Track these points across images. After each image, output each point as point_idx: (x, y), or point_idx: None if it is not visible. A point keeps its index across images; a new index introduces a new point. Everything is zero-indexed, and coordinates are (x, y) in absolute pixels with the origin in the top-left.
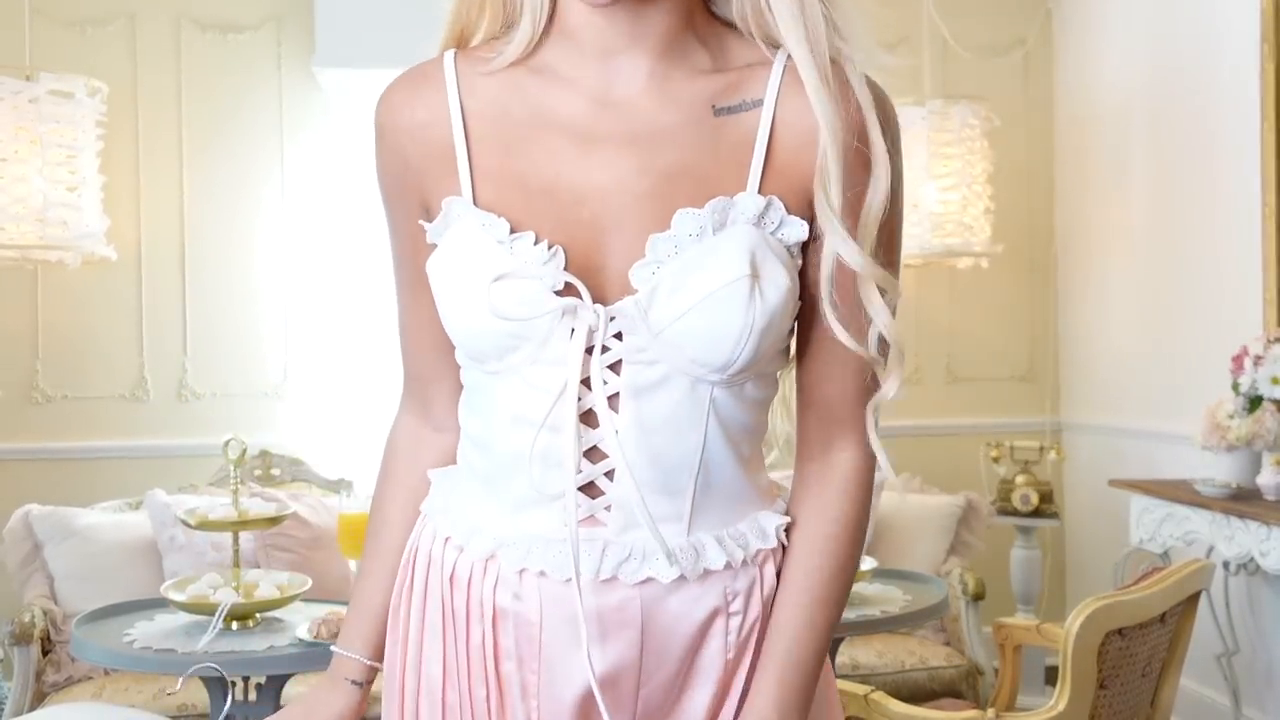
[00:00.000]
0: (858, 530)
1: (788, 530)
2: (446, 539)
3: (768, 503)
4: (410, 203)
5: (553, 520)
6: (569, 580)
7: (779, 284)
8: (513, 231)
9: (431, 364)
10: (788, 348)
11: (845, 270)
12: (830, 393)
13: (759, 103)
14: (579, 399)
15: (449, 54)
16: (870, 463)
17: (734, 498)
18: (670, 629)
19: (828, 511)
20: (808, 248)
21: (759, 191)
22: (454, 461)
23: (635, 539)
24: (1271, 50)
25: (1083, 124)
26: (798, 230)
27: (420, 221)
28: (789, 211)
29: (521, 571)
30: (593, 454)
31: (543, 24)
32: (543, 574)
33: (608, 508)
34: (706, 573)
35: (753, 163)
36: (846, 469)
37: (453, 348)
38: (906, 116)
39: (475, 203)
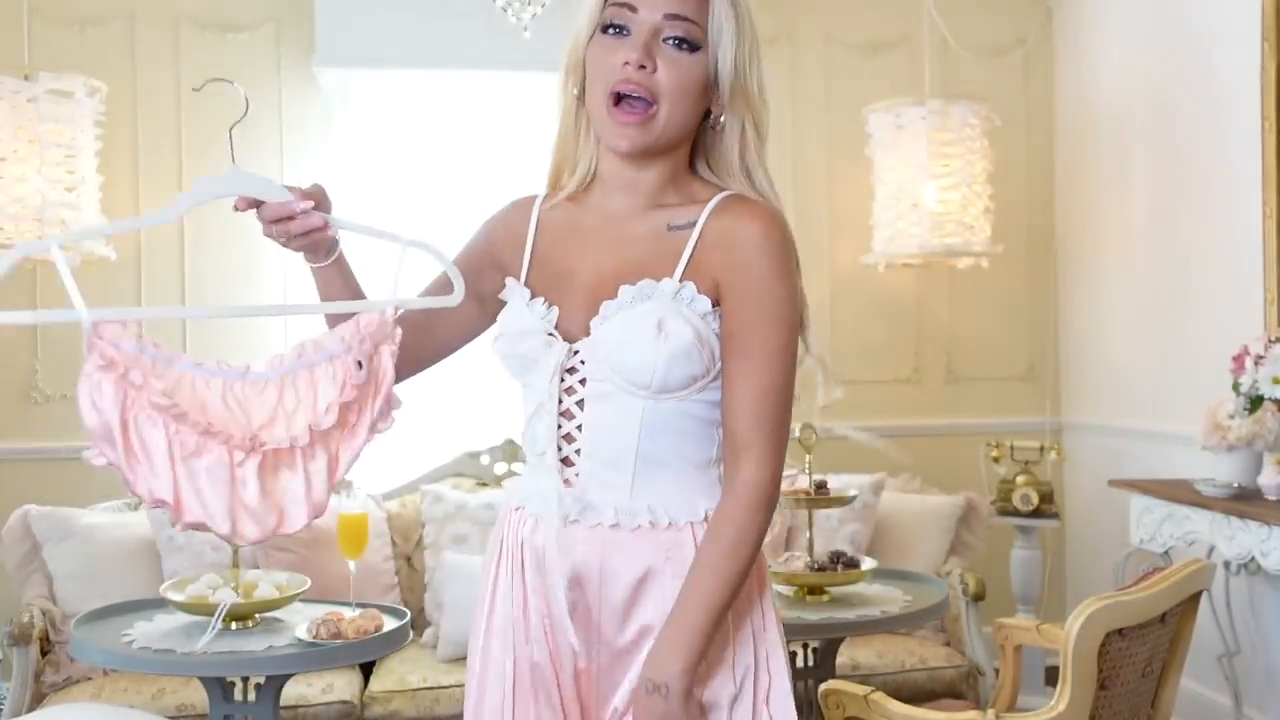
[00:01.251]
0: (747, 526)
1: None
2: (514, 507)
3: (707, 494)
4: (487, 250)
5: (544, 481)
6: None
7: (681, 335)
8: (533, 298)
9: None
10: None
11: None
12: (733, 422)
13: (694, 224)
14: (560, 401)
15: (540, 196)
16: (766, 477)
17: (674, 483)
18: (620, 563)
19: (723, 510)
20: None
21: (680, 278)
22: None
23: (593, 497)
24: (1272, 50)
25: (1083, 123)
26: (704, 304)
27: (497, 296)
28: (699, 291)
29: (526, 511)
30: (568, 438)
31: (589, 177)
32: (538, 516)
33: (577, 474)
34: (639, 528)
35: (680, 261)
36: (744, 480)
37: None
38: (907, 116)
39: (525, 281)
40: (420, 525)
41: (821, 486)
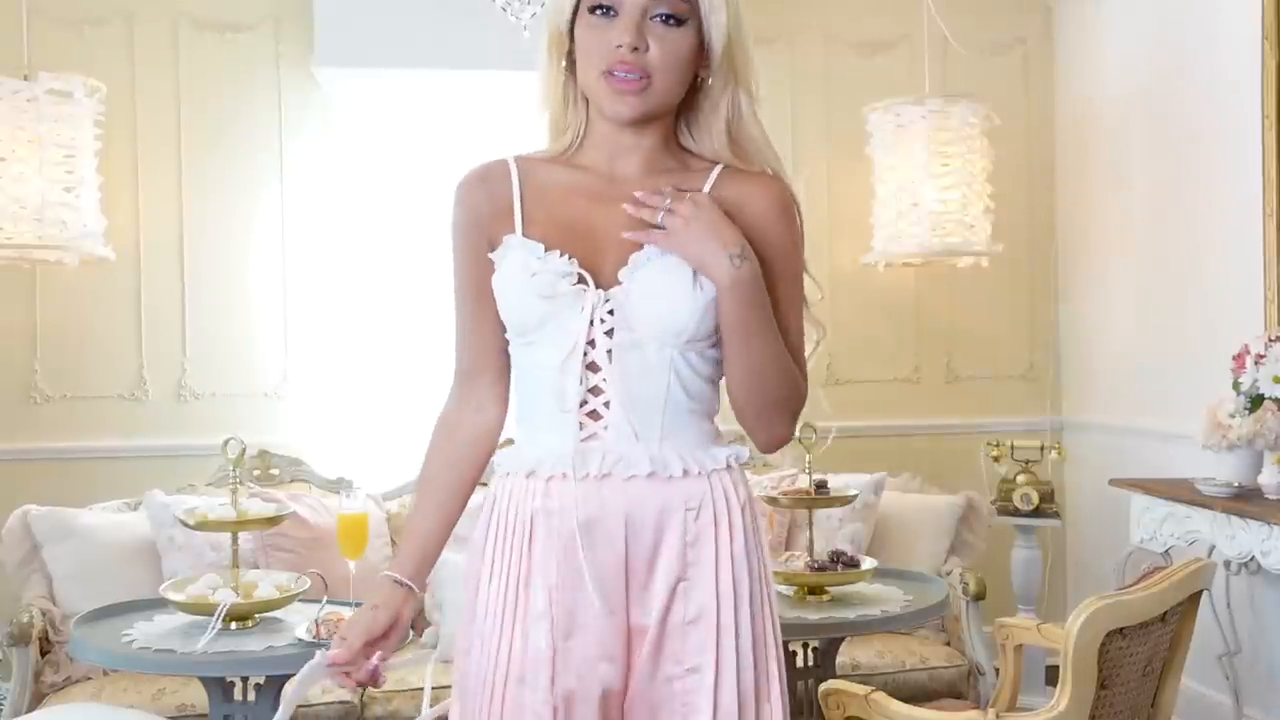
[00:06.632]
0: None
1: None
2: (507, 473)
3: (720, 445)
4: (480, 241)
5: (566, 437)
6: (584, 477)
7: (709, 287)
8: (546, 250)
9: (480, 359)
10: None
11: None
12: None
13: (701, 190)
14: (586, 354)
15: (511, 156)
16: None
17: (691, 435)
18: (645, 514)
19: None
20: None
21: None
22: (486, 437)
23: (624, 450)
24: (1272, 49)
25: (1083, 123)
26: None
27: (489, 255)
28: None
29: (549, 479)
30: (595, 391)
31: (580, 139)
32: (565, 476)
33: (606, 428)
34: (670, 478)
35: None
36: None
37: (497, 347)
38: (907, 115)
39: (524, 235)
40: None
41: (821, 486)
